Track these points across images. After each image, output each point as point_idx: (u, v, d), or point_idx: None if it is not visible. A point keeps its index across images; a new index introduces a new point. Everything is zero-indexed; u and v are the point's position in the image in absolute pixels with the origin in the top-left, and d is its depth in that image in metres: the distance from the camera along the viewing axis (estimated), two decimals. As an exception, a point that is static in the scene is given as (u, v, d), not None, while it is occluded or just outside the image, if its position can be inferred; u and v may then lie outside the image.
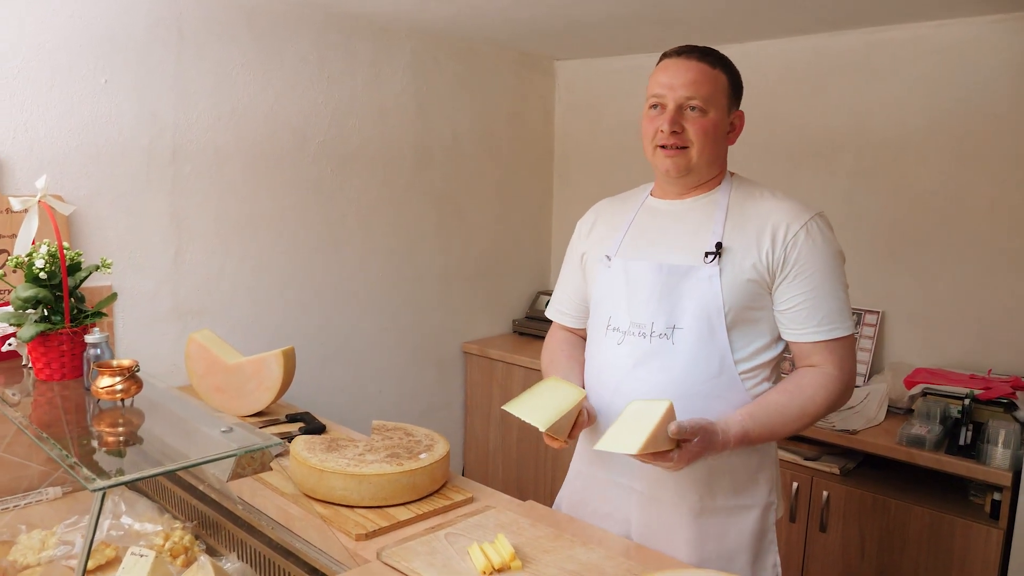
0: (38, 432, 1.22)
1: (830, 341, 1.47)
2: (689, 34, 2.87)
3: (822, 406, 1.48)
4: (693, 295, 1.48)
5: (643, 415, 1.31)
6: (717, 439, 1.38)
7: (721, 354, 1.48)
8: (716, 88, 1.50)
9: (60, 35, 2.13)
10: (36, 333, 1.46)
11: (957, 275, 2.60)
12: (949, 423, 2.25)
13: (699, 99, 1.48)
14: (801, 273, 1.46)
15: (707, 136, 1.49)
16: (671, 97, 1.49)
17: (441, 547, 1.40)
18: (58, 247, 1.48)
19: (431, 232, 3.20)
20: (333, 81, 2.76)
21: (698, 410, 1.44)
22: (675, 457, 1.33)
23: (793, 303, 1.47)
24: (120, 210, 2.30)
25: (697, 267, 1.48)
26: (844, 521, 2.33)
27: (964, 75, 2.54)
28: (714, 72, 1.50)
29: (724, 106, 1.52)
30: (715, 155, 1.53)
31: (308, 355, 2.82)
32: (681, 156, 1.50)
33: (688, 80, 1.48)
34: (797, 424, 1.49)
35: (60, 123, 2.15)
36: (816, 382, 1.47)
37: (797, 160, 2.93)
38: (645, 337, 1.51)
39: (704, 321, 1.47)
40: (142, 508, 1.94)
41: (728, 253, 1.47)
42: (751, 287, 1.47)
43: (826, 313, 1.46)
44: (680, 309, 1.49)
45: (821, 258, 1.46)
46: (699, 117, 1.49)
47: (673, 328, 1.49)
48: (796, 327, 1.48)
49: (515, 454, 3.30)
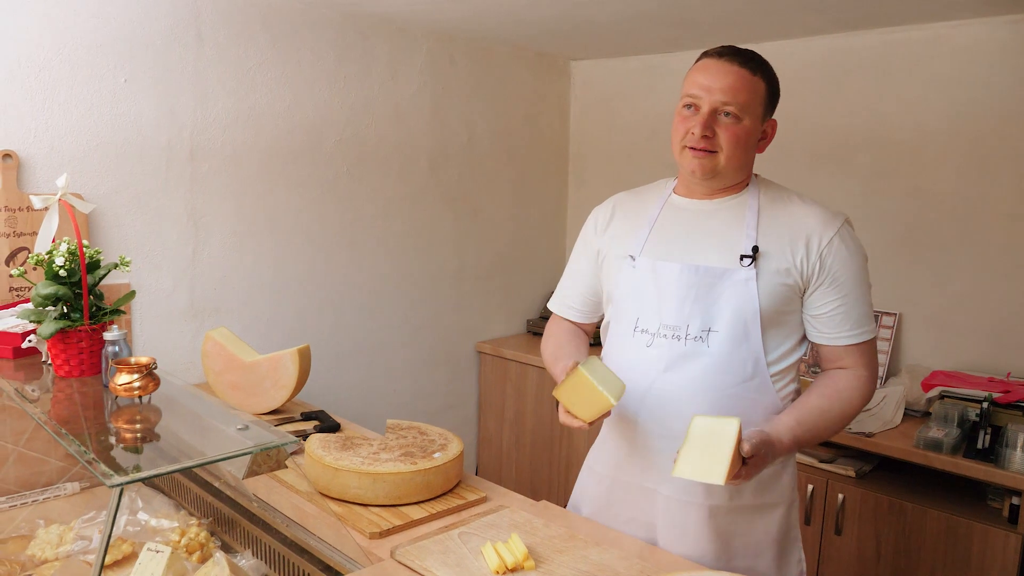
0: (57, 428, 1.23)
1: (860, 344, 1.50)
2: (704, 34, 2.86)
3: (859, 406, 1.51)
4: (729, 298, 1.47)
5: (715, 436, 1.30)
6: (775, 449, 1.39)
7: (755, 357, 1.48)
8: (754, 96, 1.47)
9: (80, 36, 2.15)
10: (56, 330, 1.48)
11: (975, 277, 2.58)
12: (967, 426, 2.23)
13: (735, 106, 1.45)
14: (836, 280, 1.47)
15: (738, 144, 1.47)
16: (707, 100, 1.46)
17: (454, 546, 1.40)
18: (78, 245, 1.49)
19: (446, 231, 3.20)
20: (350, 81, 2.77)
21: (731, 411, 1.45)
22: (743, 473, 1.33)
23: (827, 308, 1.48)
24: (138, 208, 2.32)
25: (733, 270, 1.47)
26: (860, 524, 2.31)
27: (982, 75, 2.51)
28: (754, 79, 1.47)
29: (759, 115, 1.49)
30: (744, 162, 1.51)
31: (323, 353, 2.84)
32: (709, 159, 1.48)
33: (726, 85, 1.45)
34: (838, 427, 1.51)
35: (80, 122, 2.17)
36: (851, 384, 1.50)
37: (814, 161, 2.91)
38: (679, 340, 1.50)
39: (740, 324, 1.47)
40: (159, 504, 1.96)
41: (763, 257, 1.47)
42: (784, 291, 1.47)
43: (857, 317, 1.49)
44: (715, 312, 1.48)
45: (853, 264, 1.48)
46: (732, 124, 1.46)
47: (708, 331, 1.48)
48: (830, 331, 1.49)
49: (528, 453, 3.30)
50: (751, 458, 1.33)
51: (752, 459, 1.33)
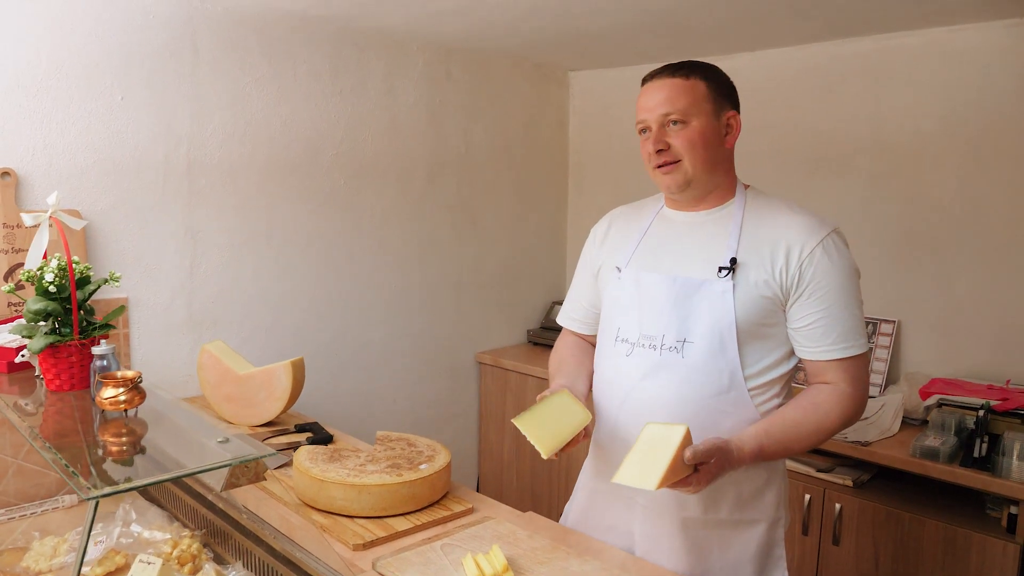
0: (42, 442, 1.25)
1: (845, 359, 1.46)
2: (700, 43, 2.86)
3: (837, 423, 1.46)
4: (705, 309, 1.47)
5: (659, 443, 1.29)
6: (733, 456, 1.37)
7: (731, 369, 1.47)
8: (694, 97, 1.49)
9: (77, 54, 2.19)
10: (45, 345, 1.50)
11: (975, 282, 2.56)
12: (964, 435, 2.21)
13: (676, 112, 1.48)
14: (817, 291, 1.45)
15: (694, 145, 1.48)
16: (651, 118, 1.51)
17: (436, 557, 1.41)
18: (67, 261, 1.52)
19: (445, 242, 3.22)
20: (346, 94, 2.80)
21: (706, 425, 1.44)
22: (693, 481, 1.31)
23: (808, 321, 1.46)
24: (136, 223, 2.35)
25: (710, 281, 1.47)
26: (857, 534, 2.30)
27: (978, 80, 2.50)
28: (688, 83, 1.50)
29: (708, 111, 1.50)
30: (711, 161, 1.51)
31: (322, 365, 2.86)
32: (676, 171, 1.50)
33: (662, 98, 1.49)
34: (811, 441, 1.47)
35: (78, 139, 2.21)
36: (831, 399, 1.46)
37: (812, 167, 2.91)
38: (655, 349, 1.51)
39: (715, 335, 1.46)
40: (152, 516, 1.97)
41: (742, 268, 1.46)
42: (764, 303, 1.46)
43: (841, 331, 1.45)
44: (692, 322, 1.48)
45: (837, 276, 1.45)
46: (681, 129, 1.49)
47: (684, 341, 1.48)
48: (811, 345, 1.47)
49: (529, 464, 3.30)
50: (702, 465, 1.30)
51: (703, 466, 1.30)
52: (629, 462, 1.29)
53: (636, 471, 1.27)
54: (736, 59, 3.03)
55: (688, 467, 1.30)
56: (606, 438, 1.60)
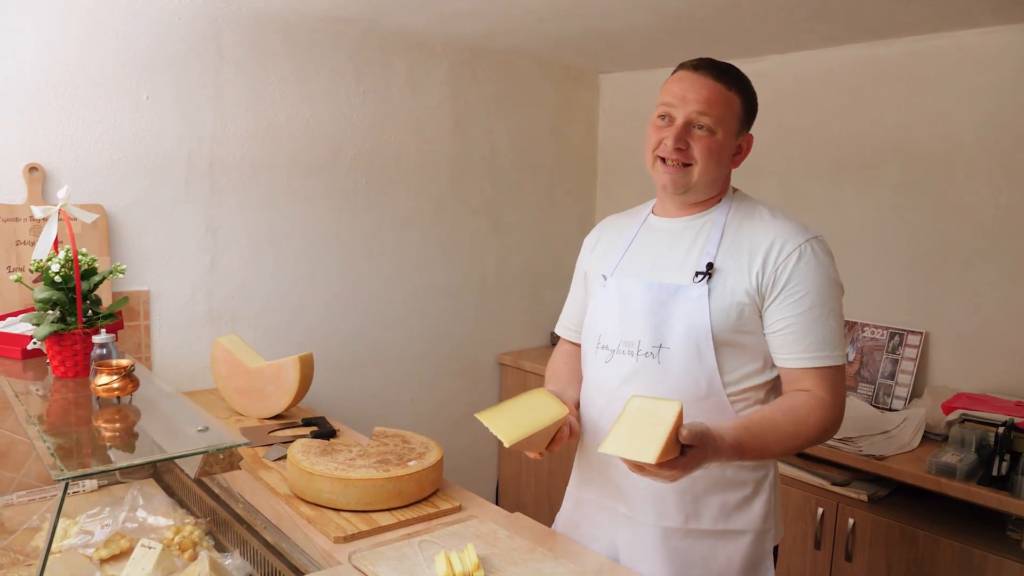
0: (33, 425, 1.30)
1: (820, 368, 1.42)
2: (727, 46, 2.82)
3: (815, 429, 1.42)
4: (681, 315, 1.45)
5: (652, 417, 1.24)
6: (715, 446, 1.30)
7: (709, 375, 1.44)
8: (728, 110, 1.46)
9: (105, 55, 2.27)
10: (49, 333, 1.56)
11: (1007, 295, 2.45)
12: (985, 452, 2.12)
13: (710, 118, 1.44)
14: (792, 295, 1.41)
15: (712, 157, 1.46)
16: (681, 111, 1.46)
17: (411, 553, 1.42)
18: (72, 253, 1.57)
19: (468, 243, 3.23)
20: (369, 95, 2.84)
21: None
22: (680, 464, 1.25)
23: (781, 326, 1.42)
24: (159, 219, 2.43)
25: (686, 286, 1.45)
26: (871, 550, 2.22)
27: (1013, 84, 2.40)
28: (729, 94, 1.46)
29: (734, 129, 1.48)
30: (717, 176, 1.50)
31: (339, 362, 2.90)
32: (682, 174, 1.47)
33: (701, 97, 1.45)
34: (789, 444, 1.43)
35: (104, 137, 2.29)
36: (808, 404, 1.41)
37: (840, 173, 2.83)
38: (632, 355, 1.49)
39: (691, 341, 1.44)
40: (159, 503, 2.04)
41: (719, 274, 1.44)
42: (741, 309, 1.43)
43: (816, 339, 1.41)
44: (668, 328, 1.46)
45: (813, 282, 1.41)
46: (706, 136, 1.45)
47: (660, 347, 1.46)
48: (784, 351, 1.43)
49: (547, 467, 3.29)
50: (689, 449, 1.24)
51: (690, 451, 1.24)
52: (617, 432, 1.23)
53: (628, 442, 1.21)
54: (762, 61, 2.97)
55: (676, 448, 1.24)
56: (589, 444, 1.59)
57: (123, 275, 1.69)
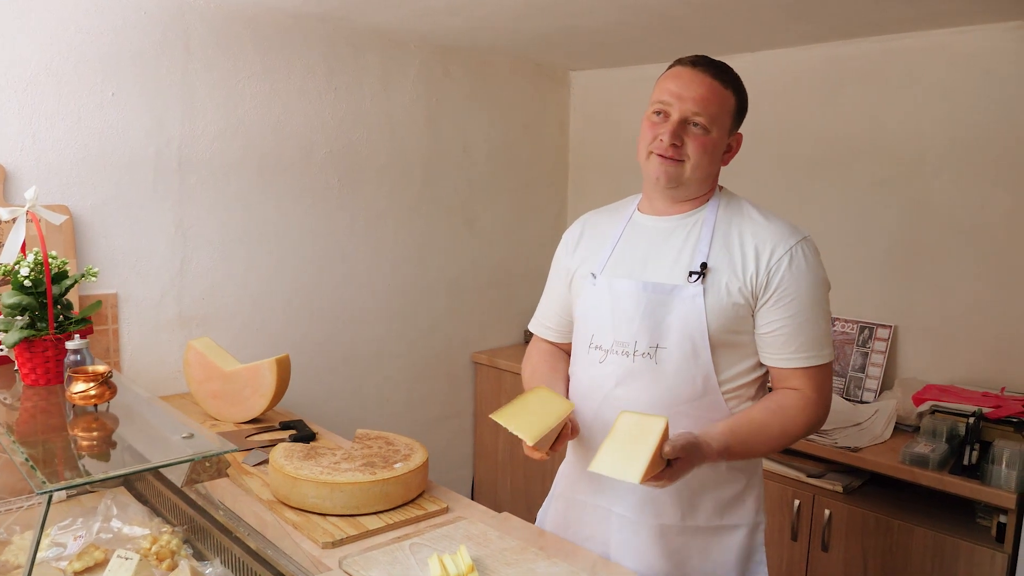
0: (7, 436, 1.25)
1: (809, 368, 1.45)
2: (701, 44, 2.84)
3: (801, 428, 1.46)
4: (677, 315, 1.45)
5: (638, 434, 1.28)
6: (702, 453, 1.35)
7: (705, 374, 1.45)
8: (723, 109, 1.47)
9: (68, 50, 2.19)
10: (19, 339, 1.50)
11: (974, 289, 2.52)
12: (955, 442, 2.17)
13: (705, 116, 1.45)
14: (783, 298, 1.43)
15: (705, 154, 1.47)
16: (677, 107, 1.46)
17: (403, 557, 1.40)
18: (43, 256, 1.52)
19: (441, 242, 3.21)
20: (340, 92, 2.80)
21: (681, 430, 1.41)
22: (667, 476, 1.30)
23: (773, 327, 1.45)
24: (127, 219, 2.36)
25: (681, 287, 1.45)
26: (847, 541, 2.27)
27: (982, 84, 2.46)
28: (725, 92, 1.47)
29: (727, 127, 1.49)
30: (709, 173, 1.51)
31: (316, 363, 2.85)
32: (675, 168, 1.47)
33: (697, 95, 1.45)
34: (776, 444, 1.46)
35: (68, 135, 2.22)
36: (796, 404, 1.45)
37: (811, 170, 2.87)
38: (628, 356, 1.49)
39: (687, 341, 1.45)
40: (134, 512, 1.98)
41: (713, 273, 1.45)
42: (735, 309, 1.44)
43: (805, 340, 1.44)
44: (664, 328, 1.46)
45: (804, 284, 1.44)
46: (701, 134, 1.46)
47: (656, 347, 1.47)
48: (775, 352, 1.46)
49: (523, 465, 3.29)
50: (675, 460, 1.29)
51: (677, 462, 1.29)
52: (606, 450, 1.27)
53: (615, 460, 1.25)
54: (736, 60, 2.96)
55: (662, 463, 1.29)
56: (582, 448, 1.58)
57: (95, 279, 1.64)
